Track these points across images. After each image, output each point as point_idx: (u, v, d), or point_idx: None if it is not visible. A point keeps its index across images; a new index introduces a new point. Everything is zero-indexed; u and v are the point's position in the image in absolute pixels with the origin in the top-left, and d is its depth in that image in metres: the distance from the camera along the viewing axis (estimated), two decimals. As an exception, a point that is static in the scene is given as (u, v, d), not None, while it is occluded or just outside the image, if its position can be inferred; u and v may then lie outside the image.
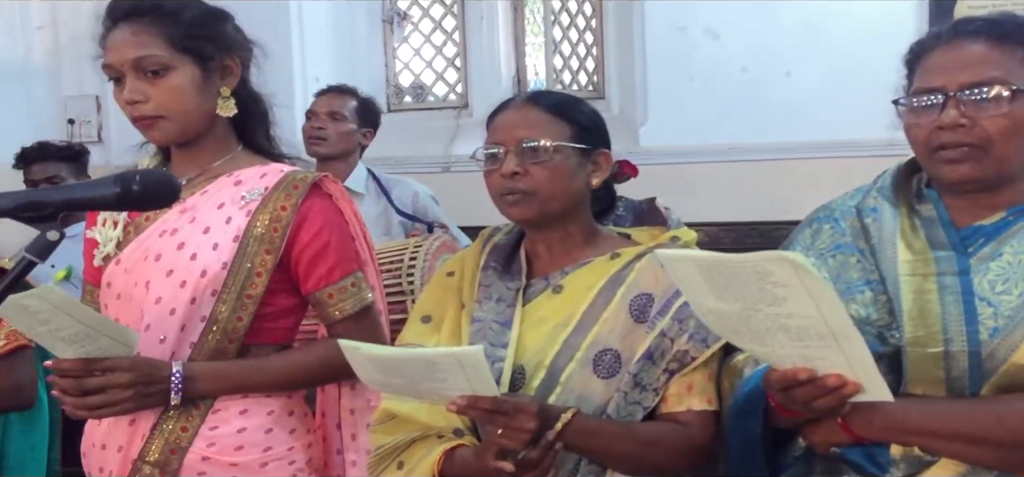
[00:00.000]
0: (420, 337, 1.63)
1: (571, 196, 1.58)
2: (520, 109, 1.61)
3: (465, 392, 1.37)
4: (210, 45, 1.63)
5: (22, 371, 1.84)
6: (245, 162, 1.72)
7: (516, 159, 1.55)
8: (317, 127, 3.21)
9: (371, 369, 1.43)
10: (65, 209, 1.10)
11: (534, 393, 1.51)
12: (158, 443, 1.62)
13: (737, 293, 1.17)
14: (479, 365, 1.33)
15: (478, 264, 1.67)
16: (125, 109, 1.62)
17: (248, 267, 1.63)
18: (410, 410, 1.56)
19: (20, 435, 2.09)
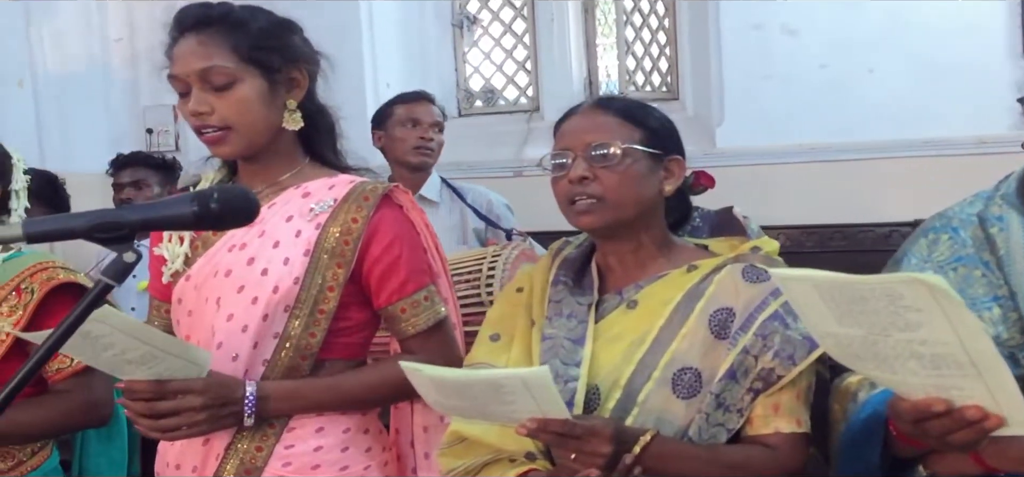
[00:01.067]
0: (489, 356, 1.59)
1: (642, 203, 1.52)
2: (588, 114, 1.56)
3: (534, 414, 1.32)
4: (277, 57, 1.61)
5: (98, 388, 1.85)
6: (312, 174, 1.69)
7: (584, 164, 1.50)
8: (427, 138, 3.17)
9: (435, 392, 1.39)
10: (141, 229, 1.08)
11: (610, 414, 1.45)
12: (233, 463, 1.60)
13: (862, 317, 1.08)
14: (546, 387, 1.28)
15: (548, 279, 1.62)
16: (190, 121, 1.60)
17: (320, 282, 1.61)
18: (479, 433, 1.51)
19: (99, 451, 2.12)
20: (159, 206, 1.13)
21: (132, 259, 1.07)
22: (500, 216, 3.19)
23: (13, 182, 2.00)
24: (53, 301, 1.87)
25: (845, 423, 1.43)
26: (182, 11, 1.60)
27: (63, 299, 1.88)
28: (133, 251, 1.07)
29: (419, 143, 3.17)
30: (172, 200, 1.12)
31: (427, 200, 3.20)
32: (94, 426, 2.02)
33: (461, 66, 4.84)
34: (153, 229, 1.12)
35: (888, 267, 1.66)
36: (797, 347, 1.43)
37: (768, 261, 1.54)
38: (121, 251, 1.06)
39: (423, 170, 3.21)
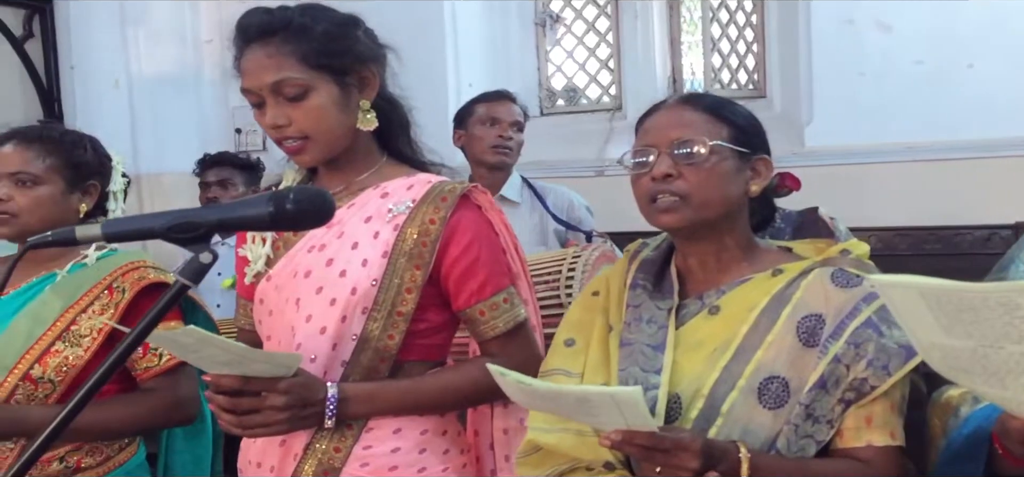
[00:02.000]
0: (565, 362, 1.55)
1: (727, 203, 1.47)
2: (674, 109, 1.51)
3: (619, 426, 1.28)
4: (346, 59, 1.59)
5: (184, 387, 1.88)
6: (391, 173, 1.68)
7: (668, 161, 1.44)
8: (506, 136, 3.13)
9: (522, 395, 1.36)
10: (217, 229, 1.08)
11: (692, 425, 1.40)
12: (311, 463, 1.60)
13: (973, 328, 1.01)
14: (636, 404, 1.24)
15: (625, 282, 1.57)
16: (269, 132, 1.60)
17: (398, 283, 1.59)
18: (555, 441, 1.48)
19: (185, 447, 2.15)
20: (236, 207, 1.13)
21: (208, 260, 1.07)
22: (581, 218, 3.15)
23: (112, 183, 2.05)
24: (143, 300, 1.91)
25: (945, 439, 1.36)
26: (244, 20, 1.59)
27: (153, 298, 1.90)
28: (209, 251, 1.07)
29: (497, 142, 3.14)
30: (249, 200, 1.12)
31: (507, 200, 3.17)
32: (180, 424, 2.06)
33: (543, 65, 4.81)
34: (229, 230, 1.12)
35: (993, 274, 1.57)
36: (892, 356, 1.36)
37: (859, 265, 1.47)
38: (197, 252, 1.06)
39: (502, 169, 3.18)
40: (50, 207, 1.92)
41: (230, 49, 1.64)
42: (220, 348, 1.42)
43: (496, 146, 3.14)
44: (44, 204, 1.91)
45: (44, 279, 1.94)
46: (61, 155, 1.94)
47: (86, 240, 1.08)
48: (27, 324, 1.89)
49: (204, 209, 1.12)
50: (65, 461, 1.90)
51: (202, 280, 1.07)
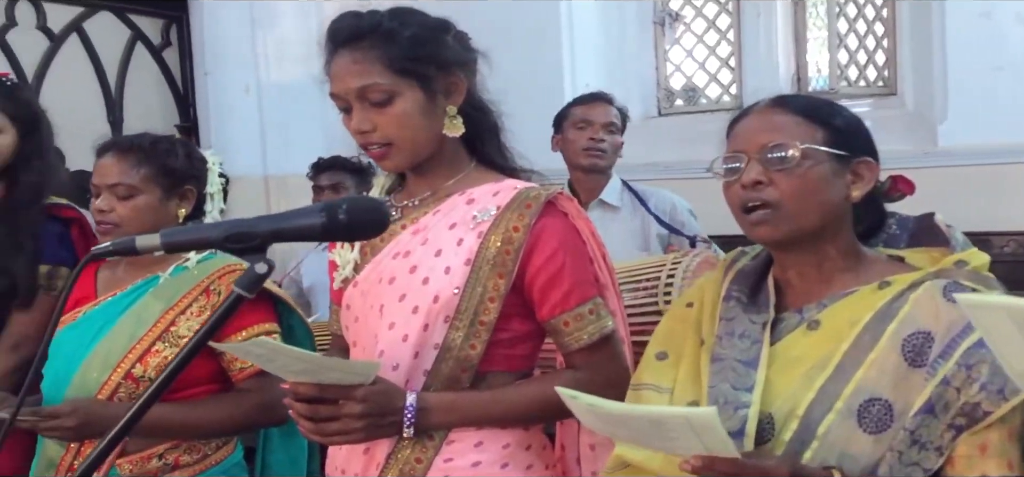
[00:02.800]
0: (655, 376, 1.48)
1: (825, 211, 1.36)
2: (764, 113, 1.41)
3: (698, 451, 1.20)
4: (432, 65, 1.56)
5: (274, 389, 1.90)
6: (478, 179, 1.64)
7: (758, 167, 1.36)
8: (598, 138, 3.06)
9: (594, 419, 1.30)
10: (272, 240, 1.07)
11: (785, 447, 1.30)
12: (393, 472, 1.58)
13: None
14: (713, 428, 1.16)
15: (719, 293, 1.49)
16: (355, 137, 1.59)
17: (480, 292, 1.56)
18: (643, 459, 1.40)
19: (280, 448, 2.18)
20: (290, 216, 1.11)
21: (263, 270, 1.06)
22: (684, 221, 3.04)
23: (209, 185, 2.09)
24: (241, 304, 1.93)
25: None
26: (334, 25, 1.58)
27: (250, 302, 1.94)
28: (265, 262, 1.06)
29: (588, 145, 3.06)
30: (303, 210, 1.11)
31: (607, 205, 3.10)
32: (273, 425, 2.08)
33: (662, 64, 4.72)
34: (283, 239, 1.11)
35: None
36: (1009, 379, 1.23)
37: (975, 277, 1.35)
38: (253, 261, 1.05)
39: (595, 173, 3.10)
40: (149, 215, 1.97)
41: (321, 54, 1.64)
42: (294, 357, 1.42)
43: (588, 149, 3.06)
44: (143, 213, 1.97)
45: (148, 282, 2.00)
46: (155, 164, 1.99)
47: (145, 249, 1.09)
48: (130, 325, 1.95)
49: (259, 219, 1.11)
50: (164, 458, 1.95)
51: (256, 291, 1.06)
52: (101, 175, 1.98)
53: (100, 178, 1.98)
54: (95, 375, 1.93)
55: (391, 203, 1.69)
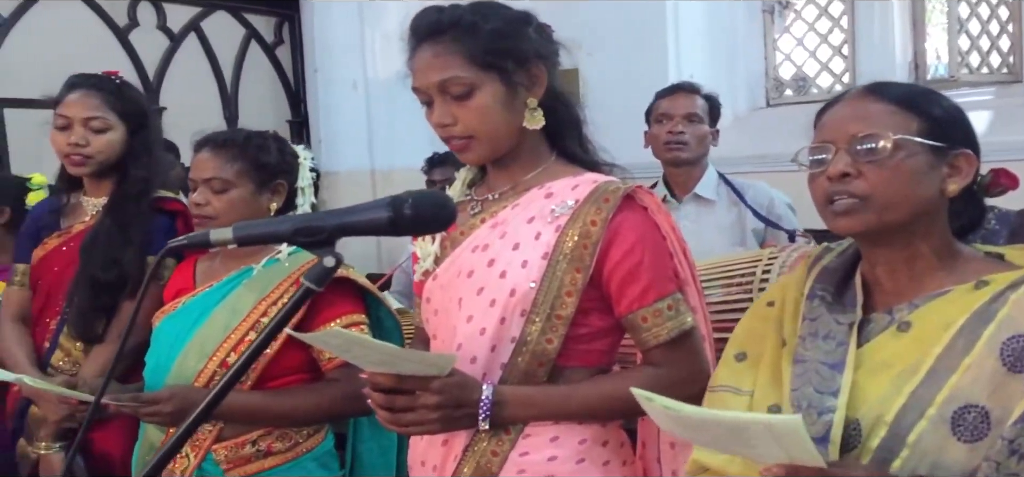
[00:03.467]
0: (734, 378, 1.42)
1: (917, 205, 1.29)
2: (856, 101, 1.34)
3: (780, 459, 1.16)
4: (512, 58, 1.56)
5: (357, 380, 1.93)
6: (557, 173, 1.63)
7: (847, 158, 1.29)
8: (676, 131, 3.00)
9: (669, 422, 1.26)
10: (339, 234, 1.09)
11: (872, 455, 1.24)
12: (470, 465, 1.59)
13: None
14: (797, 435, 1.11)
15: (802, 292, 1.42)
16: (436, 131, 1.60)
17: (557, 286, 1.55)
18: (722, 463, 1.36)
19: (371, 437, 2.22)
20: (357, 211, 1.12)
21: (331, 264, 1.07)
22: (781, 215, 2.94)
23: (300, 179, 2.14)
24: (328, 295, 1.97)
25: None
26: (416, 20, 1.59)
27: (336, 293, 1.99)
28: (333, 255, 1.08)
29: (667, 138, 3.00)
30: (369, 205, 1.12)
31: (702, 198, 3.03)
32: (361, 414, 2.12)
33: (771, 54, 4.60)
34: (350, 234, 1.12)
35: None
36: None
37: None
38: (321, 256, 1.07)
39: (680, 166, 3.03)
40: (242, 209, 2.03)
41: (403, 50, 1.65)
42: (369, 348, 1.43)
43: (668, 142, 3.00)
44: (237, 206, 2.03)
45: (242, 273, 2.06)
46: (248, 159, 2.05)
47: (219, 243, 1.11)
48: (225, 315, 2.02)
49: (326, 213, 1.12)
50: (257, 444, 2.01)
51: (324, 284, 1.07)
52: (198, 170, 2.06)
53: (197, 173, 2.06)
54: (192, 363, 2.00)
55: (471, 197, 1.70)
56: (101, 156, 2.32)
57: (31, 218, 2.53)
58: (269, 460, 2.02)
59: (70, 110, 2.31)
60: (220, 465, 2.00)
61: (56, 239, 2.40)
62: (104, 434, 2.26)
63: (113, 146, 2.33)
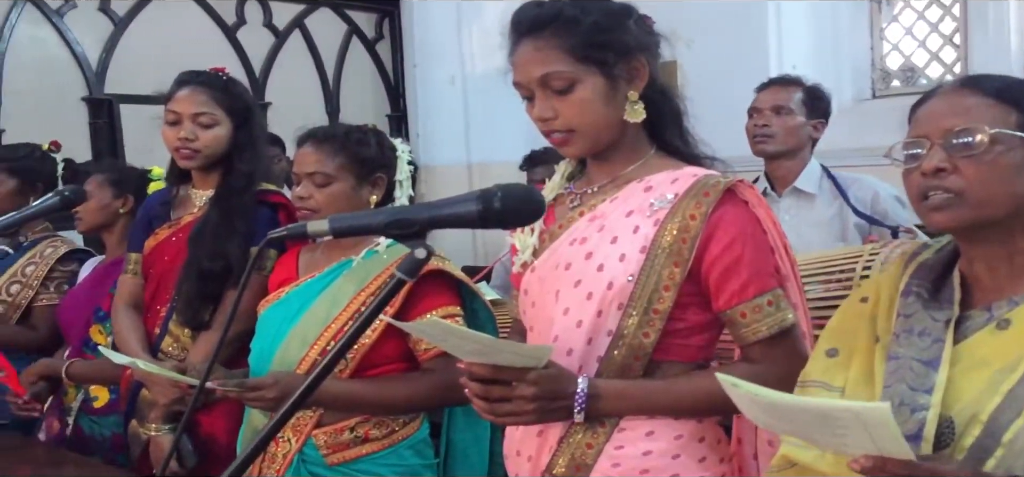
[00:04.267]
0: (825, 374, 1.39)
1: (1016, 201, 1.24)
2: (951, 94, 1.30)
3: (869, 450, 1.13)
4: (612, 52, 1.55)
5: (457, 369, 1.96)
6: (657, 166, 1.62)
7: (941, 154, 1.25)
8: (761, 124, 2.95)
9: (756, 410, 1.24)
10: (430, 227, 1.11)
11: (965, 453, 1.20)
12: (564, 457, 1.59)
13: None
14: (886, 425, 1.08)
15: (897, 288, 1.38)
16: (537, 125, 1.60)
17: (655, 280, 1.54)
18: (811, 459, 1.33)
19: (465, 427, 2.24)
20: (447, 204, 1.14)
21: (423, 255, 1.09)
22: (886, 211, 2.84)
23: (398, 172, 2.18)
24: (425, 286, 2.01)
25: None
26: (516, 15, 1.59)
27: (432, 285, 2.02)
28: (424, 247, 1.09)
29: (754, 131, 2.96)
30: (460, 198, 1.13)
31: (803, 192, 2.97)
32: (455, 404, 2.15)
33: (877, 43, 4.47)
34: (440, 227, 1.14)
35: None
36: None
37: None
38: (413, 247, 1.09)
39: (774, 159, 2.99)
40: (343, 202, 2.07)
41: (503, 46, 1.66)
42: (466, 338, 1.45)
43: (754, 135, 2.96)
44: (338, 199, 2.07)
45: (342, 265, 2.11)
46: (348, 153, 2.10)
47: (315, 234, 1.15)
48: (325, 306, 2.07)
49: (418, 206, 1.14)
50: (355, 431, 2.06)
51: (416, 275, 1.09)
52: (300, 164, 2.11)
53: (300, 167, 2.11)
54: (294, 351, 2.06)
55: (570, 190, 1.70)
56: (208, 150, 2.40)
57: (143, 210, 2.64)
58: (366, 446, 2.06)
59: (179, 106, 2.39)
60: (320, 450, 2.06)
61: (166, 230, 2.50)
62: (210, 417, 2.34)
63: (219, 140, 2.41)
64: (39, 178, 3.05)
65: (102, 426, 2.63)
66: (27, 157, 3.09)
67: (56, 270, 3.02)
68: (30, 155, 3.10)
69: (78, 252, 3.09)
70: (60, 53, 4.67)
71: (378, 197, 2.14)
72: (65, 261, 3.04)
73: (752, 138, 2.98)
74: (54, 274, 3.02)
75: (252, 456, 1.15)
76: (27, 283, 2.98)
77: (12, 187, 3.02)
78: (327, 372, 1.14)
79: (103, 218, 2.87)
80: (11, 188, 3.01)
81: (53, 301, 3.00)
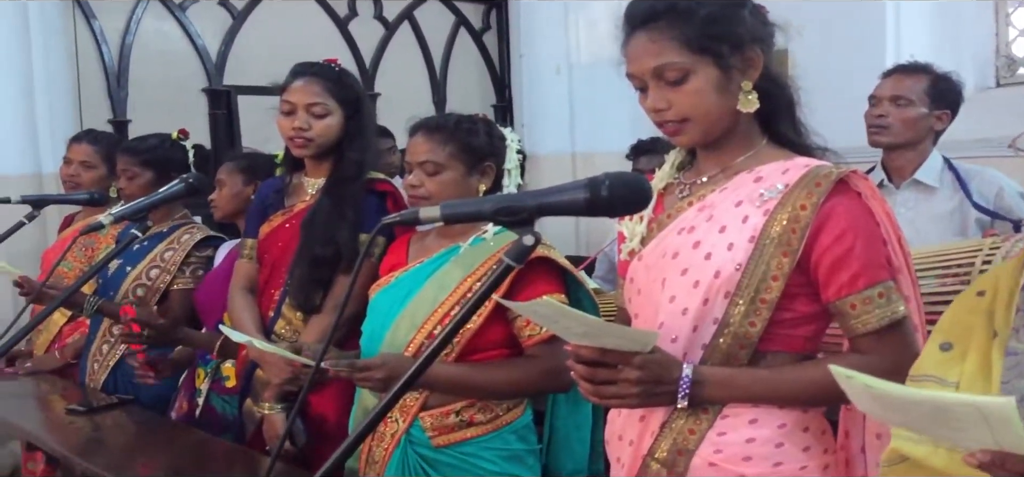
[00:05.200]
0: (938, 368, 1.35)
1: None
2: None
3: (987, 445, 1.10)
4: (727, 43, 1.55)
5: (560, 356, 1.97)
6: (768, 157, 1.61)
7: None
8: (877, 114, 2.85)
9: (869, 401, 1.22)
10: (538, 214, 1.12)
11: None
12: (667, 442, 1.60)
13: None
14: (1008, 421, 1.05)
15: (1017, 282, 1.33)
16: (650, 116, 1.61)
17: (763, 270, 1.53)
18: (924, 454, 1.30)
19: (567, 414, 2.25)
20: (555, 192, 1.15)
21: (531, 242, 1.11)
22: (1011, 206, 2.70)
23: (507, 161, 2.21)
24: (531, 273, 2.03)
25: None
26: (630, 8, 1.60)
27: (537, 271, 2.04)
28: (532, 234, 1.11)
29: (871, 120, 2.87)
30: (567, 186, 1.14)
31: (922, 184, 2.86)
32: (557, 390, 2.17)
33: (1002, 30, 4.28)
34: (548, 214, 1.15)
35: None
36: None
37: None
38: (521, 234, 1.10)
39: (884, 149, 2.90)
40: (453, 189, 2.11)
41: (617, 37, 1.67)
42: (576, 320, 1.47)
43: (870, 125, 2.87)
44: (448, 187, 2.12)
45: (450, 251, 2.16)
46: (458, 141, 2.13)
47: (427, 220, 1.18)
48: (433, 290, 2.11)
49: (527, 194, 1.16)
50: (460, 415, 2.10)
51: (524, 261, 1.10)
52: (412, 153, 2.16)
53: (411, 156, 2.16)
54: (403, 334, 2.11)
55: (680, 180, 1.70)
56: (321, 139, 2.48)
57: (258, 197, 2.73)
58: (471, 430, 2.10)
59: (294, 96, 2.47)
60: (426, 432, 2.10)
61: (280, 216, 2.59)
62: (321, 397, 2.42)
63: (332, 130, 2.48)
64: (172, 167, 3.14)
65: (232, 405, 2.73)
66: (158, 147, 3.20)
67: (193, 255, 3.15)
68: (161, 145, 3.21)
69: (213, 238, 3.21)
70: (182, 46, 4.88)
71: (487, 186, 2.17)
72: (201, 247, 3.16)
73: (869, 128, 2.89)
74: (191, 259, 3.14)
75: (364, 434, 1.18)
76: (165, 268, 3.12)
77: (148, 178, 3.12)
78: (436, 354, 1.17)
79: (236, 205, 2.99)
80: (148, 179, 3.12)
81: (189, 285, 3.13)
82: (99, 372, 3.14)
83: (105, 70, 4.66)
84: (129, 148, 3.25)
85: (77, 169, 3.47)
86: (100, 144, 3.53)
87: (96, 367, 3.16)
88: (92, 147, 3.50)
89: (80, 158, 3.48)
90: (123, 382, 3.08)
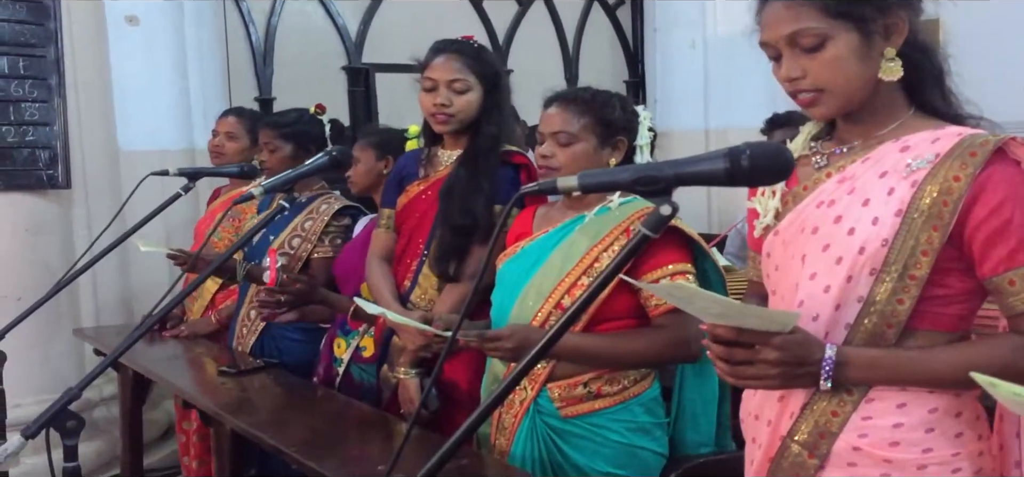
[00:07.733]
0: None
1: None
2: None
3: None
4: (870, 6, 1.47)
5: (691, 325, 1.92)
6: (915, 126, 1.53)
7: None
8: None
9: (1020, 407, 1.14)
10: (676, 184, 1.11)
11: None
12: (808, 424, 1.55)
13: None
14: None
15: None
16: (784, 86, 1.55)
17: (912, 245, 1.45)
18: None
19: (694, 388, 2.23)
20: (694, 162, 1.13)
21: (668, 211, 1.10)
22: None
23: (639, 137, 2.20)
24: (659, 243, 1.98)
25: None
26: None
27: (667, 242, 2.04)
28: (669, 204, 1.10)
29: None
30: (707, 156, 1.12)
31: None
32: (685, 361, 2.15)
33: None
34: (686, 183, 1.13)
35: None
36: None
37: None
38: (659, 204, 1.10)
39: None
40: (584, 161, 2.11)
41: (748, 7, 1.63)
42: (712, 301, 1.44)
43: None
44: (579, 159, 2.12)
45: (576, 220, 2.16)
46: (593, 114, 2.13)
47: (566, 190, 1.18)
48: (560, 260, 2.13)
49: (664, 163, 1.14)
50: (588, 386, 2.11)
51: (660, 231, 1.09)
52: (546, 124, 2.17)
53: (545, 126, 2.17)
54: (530, 304, 2.13)
55: (817, 150, 1.64)
56: (462, 115, 2.52)
57: (395, 168, 2.81)
58: (599, 402, 2.11)
59: (436, 73, 2.52)
60: (554, 403, 2.12)
61: (417, 187, 2.65)
62: (453, 364, 2.47)
63: (472, 105, 2.53)
64: (311, 141, 3.31)
65: (369, 374, 2.83)
66: (297, 121, 3.35)
67: (331, 225, 3.27)
68: (300, 119, 3.36)
69: (349, 208, 3.33)
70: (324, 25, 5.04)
71: (617, 160, 2.16)
72: (338, 216, 3.28)
73: None
74: (329, 229, 3.26)
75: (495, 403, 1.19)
76: (306, 237, 3.25)
77: (288, 151, 3.29)
78: (568, 325, 1.17)
79: (370, 180, 3.08)
80: (288, 152, 3.28)
81: (328, 254, 3.25)
82: (247, 336, 3.30)
83: (252, 50, 4.86)
84: (271, 122, 3.41)
85: (222, 140, 3.72)
86: (244, 118, 3.78)
87: (245, 331, 3.32)
88: (237, 119, 3.76)
89: (225, 129, 3.73)
90: (269, 346, 3.23)
